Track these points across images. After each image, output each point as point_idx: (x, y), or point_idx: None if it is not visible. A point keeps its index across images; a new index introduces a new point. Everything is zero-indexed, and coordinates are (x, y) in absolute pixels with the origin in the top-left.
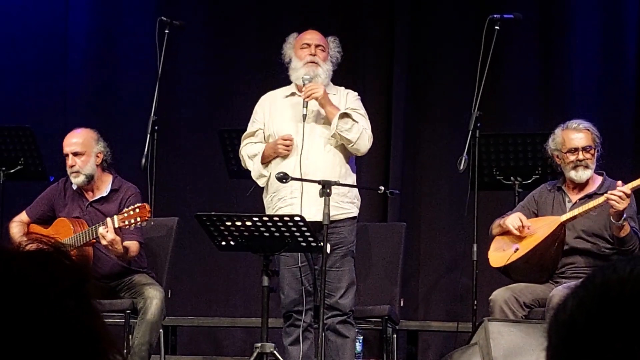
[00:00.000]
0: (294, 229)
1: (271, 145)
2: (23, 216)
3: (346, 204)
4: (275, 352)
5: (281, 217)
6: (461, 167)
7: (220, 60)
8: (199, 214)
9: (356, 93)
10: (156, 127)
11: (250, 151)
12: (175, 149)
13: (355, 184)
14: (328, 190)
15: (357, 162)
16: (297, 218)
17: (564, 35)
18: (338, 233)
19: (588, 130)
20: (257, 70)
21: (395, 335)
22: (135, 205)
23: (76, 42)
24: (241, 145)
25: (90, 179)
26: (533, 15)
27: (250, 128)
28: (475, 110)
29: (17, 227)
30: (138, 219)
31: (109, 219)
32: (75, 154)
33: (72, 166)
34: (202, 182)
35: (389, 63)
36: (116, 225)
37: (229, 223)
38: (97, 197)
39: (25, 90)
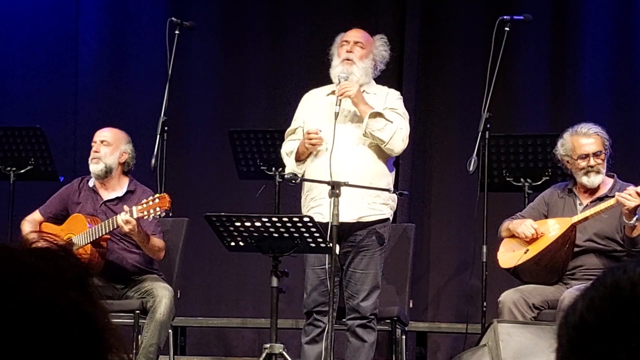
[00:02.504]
0: (303, 229)
1: (302, 141)
2: (36, 215)
3: (379, 205)
4: (284, 352)
5: (290, 217)
6: (471, 169)
7: (230, 60)
8: (209, 214)
9: (398, 93)
10: (166, 128)
11: (287, 148)
12: (185, 149)
13: (391, 184)
14: (337, 191)
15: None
16: (306, 219)
17: (574, 37)
18: (367, 235)
19: (598, 135)
20: (268, 71)
21: (404, 337)
22: (156, 196)
23: (87, 43)
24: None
25: (108, 172)
26: (543, 16)
27: (292, 125)
28: (485, 112)
29: (29, 225)
30: (158, 209)
31: (126, 207)
32: (103, 142)
33: (96, 152)
34: (211, 183)
35: (398, 64)
36: (135, 216)
37: (238, 224)
38: (112, 196)
39: (36, 91)
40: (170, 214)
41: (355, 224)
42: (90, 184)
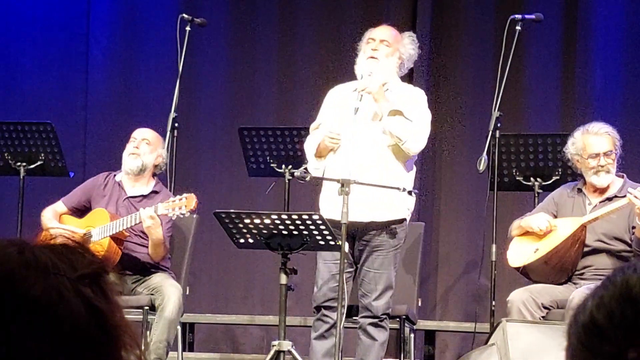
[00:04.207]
0: (313, 227)
1: (324, 138)
2: (58, 205)
3: (395, 205)
4: (292, 350)
5: (300, 215)
6: (481, 168)
7: (241, 57)
8: (218, 211)
9: (422, 92)
10: (176, 124)
11: (309, 143)
12: (195, 146)
13: (410, 184)
14: (347, 189)
15: None
16: (315, 217)
17: (585, 36)
18: (382, 235)
19: (609, 134)
20: (278, 68)
21: (412, 335)
22: (184, 195)
23: (97, 39)
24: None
25: (142, 170)
26: (555, 15)
27: (316, 121)
28: (496, 111)
29: (50, 215)
30: (183, 208)
31: (153, 207)
32: (144, 140)
33: (136, 148)
34: (221, 180)
35: None
36: (159, 212)
37: (247, 221)
38: (137, 193)
39: (46, 86)
40: (195, 216)
41: (369, 223)
42: (118, 178)
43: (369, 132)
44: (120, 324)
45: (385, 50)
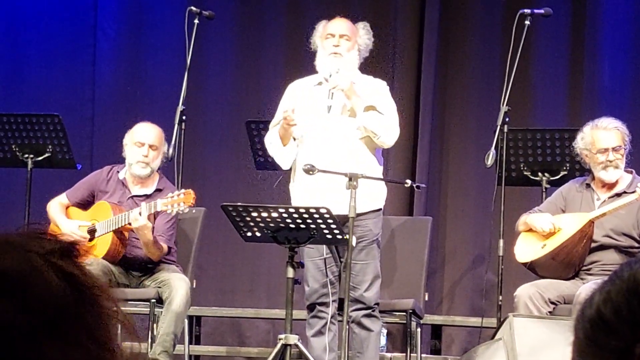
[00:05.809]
0: (320, 220)
1: (281, 125)
2: (62, 198)
3: (372, 196)
4: (299, 343)
5: (307, 208)
6: (489, 162)
7: (249, 51)
8: (225, 204)
9: (385, 83)
10: (184, 117)
11: (270, 137)
12: (203, 139)
13: (381, 176)
14: (355, 183)
15: (384, 154)
16: (323, 210)
17: (594, 31)
18: (362, 226)
19: (618, 129)
20: (285, 61)
21: (419, 329)
22: (181, 191)
23: (105, 31)
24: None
25: (151, 174)
26: (563, 10)
27: (276, 117)
28: (504, 105)
29: (56, 208)
30: (182, 204)
31: (143, 204)
32: (152, 147)
33: (145, 156)
34: (228, 173)
35: (417, 56)
36: (158, 209)
37: (255, 214)
38: (141, 192)
39: (54, 78)
40: (194, 211)
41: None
42: (121, 176)
43: (340, 126)
44: (97, 285)
45: (347, 45)
